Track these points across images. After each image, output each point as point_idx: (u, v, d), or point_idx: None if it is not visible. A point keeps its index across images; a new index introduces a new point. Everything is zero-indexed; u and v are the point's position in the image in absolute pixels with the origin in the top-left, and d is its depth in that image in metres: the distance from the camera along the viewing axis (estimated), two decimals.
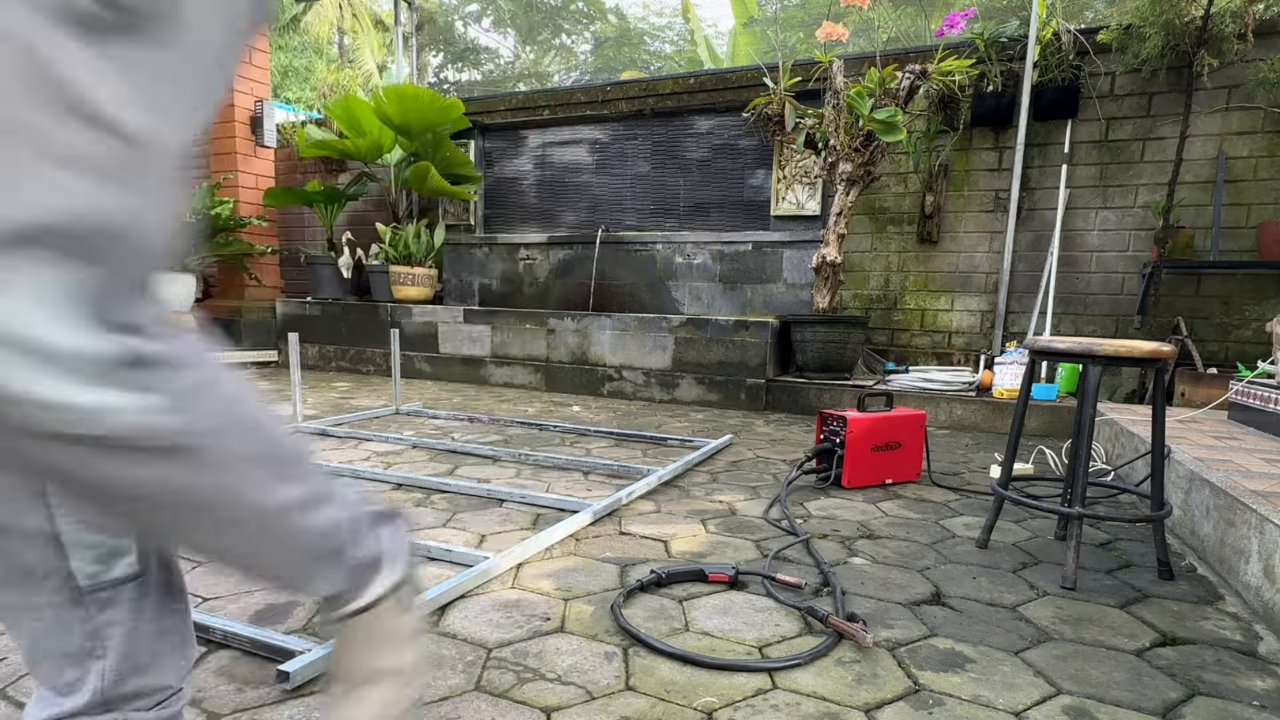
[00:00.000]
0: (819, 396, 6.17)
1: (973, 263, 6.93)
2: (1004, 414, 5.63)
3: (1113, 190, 6.41)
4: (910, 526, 3.08)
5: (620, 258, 8.55)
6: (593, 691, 1.70)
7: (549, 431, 5.08)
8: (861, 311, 7.34)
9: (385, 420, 5.36)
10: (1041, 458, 4.52)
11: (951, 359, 7.06)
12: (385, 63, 17.26)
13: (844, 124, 6.17)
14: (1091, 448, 2.59)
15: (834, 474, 3.67)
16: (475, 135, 9.20)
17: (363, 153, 8.53)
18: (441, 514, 3.07)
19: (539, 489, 3.51)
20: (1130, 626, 2.14)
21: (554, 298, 8.86)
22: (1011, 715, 1.65)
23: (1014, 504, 2.82)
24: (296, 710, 1.57)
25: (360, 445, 4.42)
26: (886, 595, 2.33)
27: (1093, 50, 6.28)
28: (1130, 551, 2.84)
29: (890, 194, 7.16)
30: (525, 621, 2.06)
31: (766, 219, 7.78)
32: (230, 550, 0.90)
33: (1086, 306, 6.59)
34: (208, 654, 1.80)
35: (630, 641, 1.95)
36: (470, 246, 9.25)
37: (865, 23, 6.91)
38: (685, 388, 6.65)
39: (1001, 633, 2.07)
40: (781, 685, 1.75)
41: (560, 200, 8.95)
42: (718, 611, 2.17)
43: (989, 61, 6.50)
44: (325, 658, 1.70)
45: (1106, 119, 6.38)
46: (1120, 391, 6.31)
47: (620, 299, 8.52)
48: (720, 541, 2.82)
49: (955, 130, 6.78)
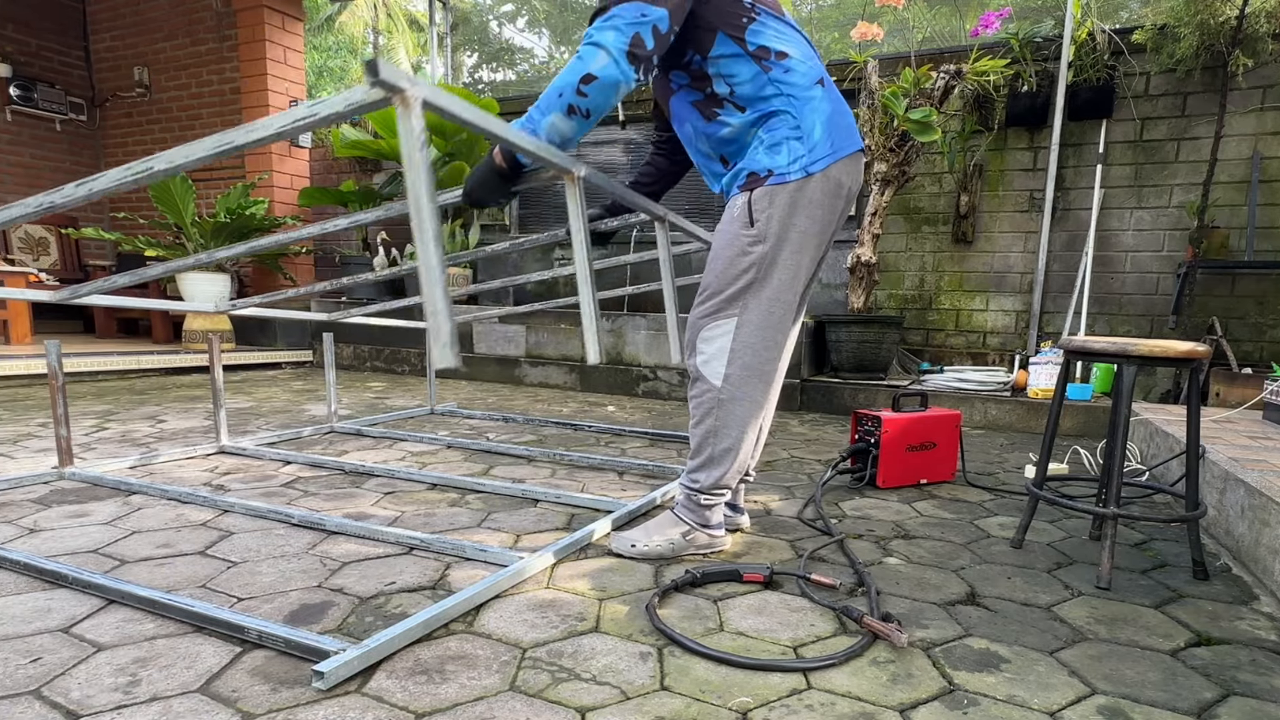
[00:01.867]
0: (854, 396, 6.18)
1: (1008, 263, 6.92)
2: (1039, 414, 5.62)
3: (1147, 190, 6.39)
4: (945, 526, 3.09)
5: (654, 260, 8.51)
6: (627, 691, 1.71)
7: (584, 431, 5.10)
8: (896, 311, 7.35)
9: (420, 420, 5.40)
10: (1076, 458, 4.52)
11: (986, 359, 7.05)
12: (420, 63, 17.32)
13: (879, 124, 6.17)
14: (1126, 448, 2.59)
15: (869, 474, 3.68)
16: None
17: (398, 153, 8.48)
18: (476, 514, 3.08)
19: (574, 489, 3.53)
20: (1165, 626, 2.15)
21: None
22: (1046, 715, 1.65)
23: (1049, 504, 2.82)
24: (331, 710, 1.59)
25: (395, 445, 4.46)
26: (921, 595, 2.33)
27: (1127, 50, 6.26)
28: (1165, 552, 2.84)
29: (925, 194, 7.16)
30: (560, 621, 2.07)
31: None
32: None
33: (1121, 306, 6.57)
34: (242, 654, 1.81)
35: (665, 641, 1.96)
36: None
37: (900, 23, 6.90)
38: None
39: (1036, 633, 2.07)
40: (816, 685, 1.75)
41: (596, 200, 8.88)
42: (752, 611, 2.17)
43: (1024, 61, 6.49)
44: (360, 657, 1.73)
45: (1141, 119, 6.36)
46: (1155, 391, 6.29)
47: (655, 299, 8.53)
48: (755, 541, 2.83)
49: (990, 130, 6.78)
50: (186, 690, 1.64)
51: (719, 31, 2.38)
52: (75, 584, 2.18)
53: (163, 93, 10.55)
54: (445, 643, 1.91)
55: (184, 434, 4.58)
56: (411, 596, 2.20)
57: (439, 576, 2.37)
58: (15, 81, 9.94)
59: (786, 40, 2.44)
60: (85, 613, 2.01)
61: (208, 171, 10.26)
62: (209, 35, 10.01)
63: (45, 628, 1.92)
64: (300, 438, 4.59)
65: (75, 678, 1.68)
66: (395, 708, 1.60)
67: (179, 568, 2.39)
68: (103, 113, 11.03)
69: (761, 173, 2.44)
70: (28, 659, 1.76)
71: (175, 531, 2.74)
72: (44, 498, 3.15)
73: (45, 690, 1.63)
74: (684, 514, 2.64)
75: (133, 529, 2.76)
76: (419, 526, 2.89)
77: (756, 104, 2.44)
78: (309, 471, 3.76)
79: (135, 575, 2.31)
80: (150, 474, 3.61)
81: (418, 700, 1.63)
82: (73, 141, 10.86)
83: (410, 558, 2.53)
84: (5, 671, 1.70)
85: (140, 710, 1.56)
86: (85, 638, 1.87)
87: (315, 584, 2.28)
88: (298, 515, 2.88)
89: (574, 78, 2.20)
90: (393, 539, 2.68)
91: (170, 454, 3.93)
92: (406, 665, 1.78)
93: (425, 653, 1.85)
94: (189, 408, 5.63)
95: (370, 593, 2.22)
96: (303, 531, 2.78)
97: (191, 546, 2.59)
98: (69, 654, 1.79)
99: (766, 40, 2.40)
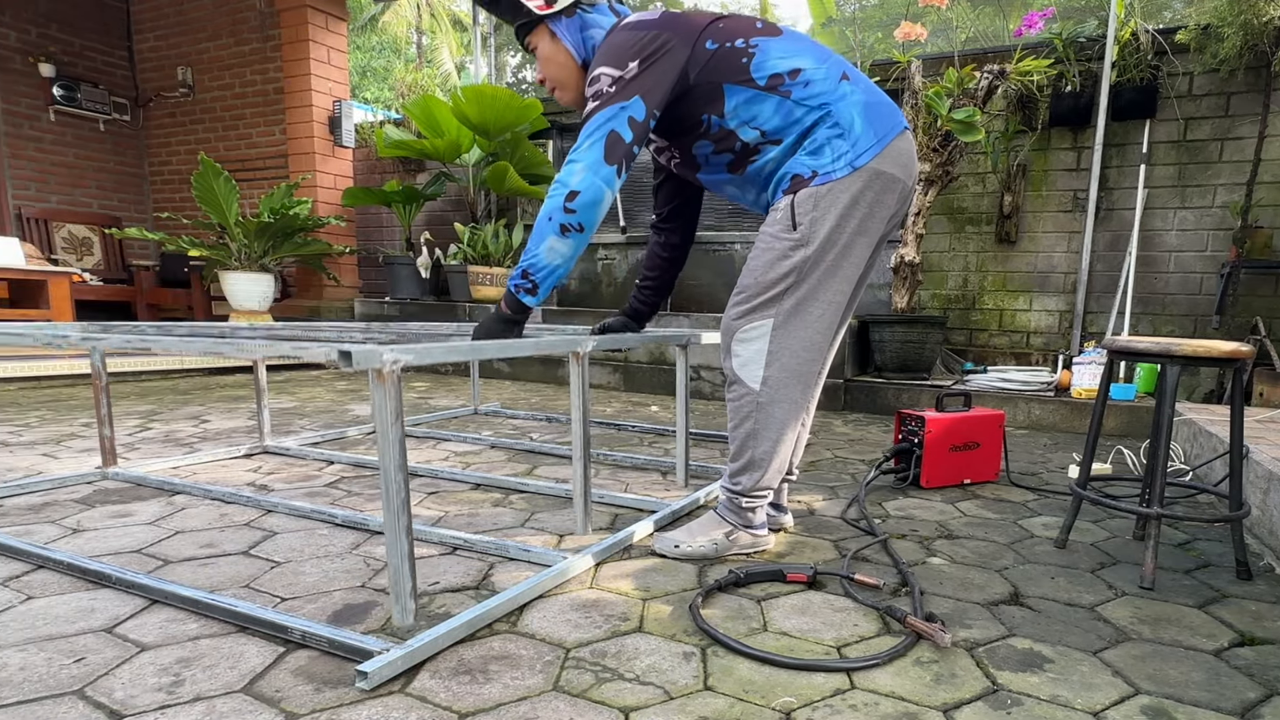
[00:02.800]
0: (897, 396, 6.18)
1: (1051, 263, 6.90)
2: (1082, 414, 5.61)
3: (1191, 190, 6.36)
4: (988, 526, 3.10)
5: (698, 257, 8.59)
6: (671, 691, 1.71)
7: (627, 431, 5.12)
8: (940, 311, 7.34)
9: (463, 420, 5.43)
10: (1120, 458, 4.51)
11: (1030, 359, 7.03)
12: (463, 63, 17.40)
13: (922, 124, 6.17)
14: (1170, 448, 2.59)
15: (912, 474, 3.68)
16: (553, 135, 9.30)
17: (441, 153, 8.59)
18: (520, 514, 3.10)
19: (617, 489, 3.54)
20: (1208, 626, 2.14)
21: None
22: (1090, 715, 1.65)
23: (1092, 504, 2.82)
24: (374, 710, 1.59)
25: (439, 445, 4.49)
26: (965, 595, 2.33)
27: (1171, 50, 6.23)
28: (1208, 551, 2.84)
29: (968, 194, 7.15)
30: (603, 621, 2.07)
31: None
32: None
33: (1164, 306, 6.54)
34: (285, 654, 1.82)
35: (708, 641, 1.96)
36: None
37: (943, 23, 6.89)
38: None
39: (1080, 633, 2.07)
40: (860, 685, 1.75)
41: (638, 200, 8.97)
42: (796, 611, 2.18)
43: (1067, 61, 6.47)
44: (404, 657, 1.74)
45: (1184, 119, 6.33)
46: (1198, 391, 6.26)
47: (699, 298, 8.55)
48: (798, 541, 2.85)
49: (1033, 130, 6.76)
50: (230, 690, 1.66)
51: (724, 85, 2.40)
52: (119, 584, 2.20)
53: (206, 93, 10.65)
54: (489, 643, 1.92)
55: (227, 434, 4.66)
56: (455, 596, 2.22)
57: (482, 576, 2.38)
58: (59, 82, 10.01)
59: (794, 56, 2.41)
60: (129, 613, 2.04)
61: (251, 171, 10.38)
62: (252, 35, 10.10)
63: (89, 628, 1.94)
64: (344, 438, 4.64)
65: (119, 678, 1.70)
66: (438, 707, 1.61)
67: (222, 568, 2.42)
68: (146, 113, 11.14)
69: (805, 174, 2.40)
70: (71, 659, 1.78)
71: (219, 531, 2.78)
72: (87, 498, 3.19)
73: (89, 690, 1.65)
74: (726, 515, 2.64)
75: (176, 529, 2.80)
76: (462, 526, 2.91)
77: (790, 129, 2.42)
78: (352, 471, 3.79)
79: (178, 575, 2.34)
80: (193, 474, 3.65)
81: (461, 700, 1.64)
82: (116, 141, 10.96)
83: (454, 558, 2.55)
84: (49, 671, 1.73)
85: (184, 710, 1.57)
86: (129, 638, 1.89)
87: (359, 584, 2.30)
88: (341, 515, 2.91)
89: (559, 200, 2.35)
90: (436, 539, 2.70)
91: (214, 454, 4.00)
92: (450, 665, 1.79)
93: (469, 653, 1.86)
94: (232, 408, 5.71)
95: None
96: (346, 531, 2.81)
97: (235, 546, 2.62)
98: (112, 654, 1.81)
99: (774, 67, 2.39)
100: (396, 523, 1.64)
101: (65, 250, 9.80)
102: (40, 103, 10.03)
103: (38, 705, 1.58)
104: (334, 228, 9.49)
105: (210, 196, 8.02)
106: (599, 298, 9.05)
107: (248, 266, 8.35)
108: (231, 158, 10.43)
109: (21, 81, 9.83)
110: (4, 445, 4.17)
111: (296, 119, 9.69)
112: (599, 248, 8.97)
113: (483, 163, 8.87)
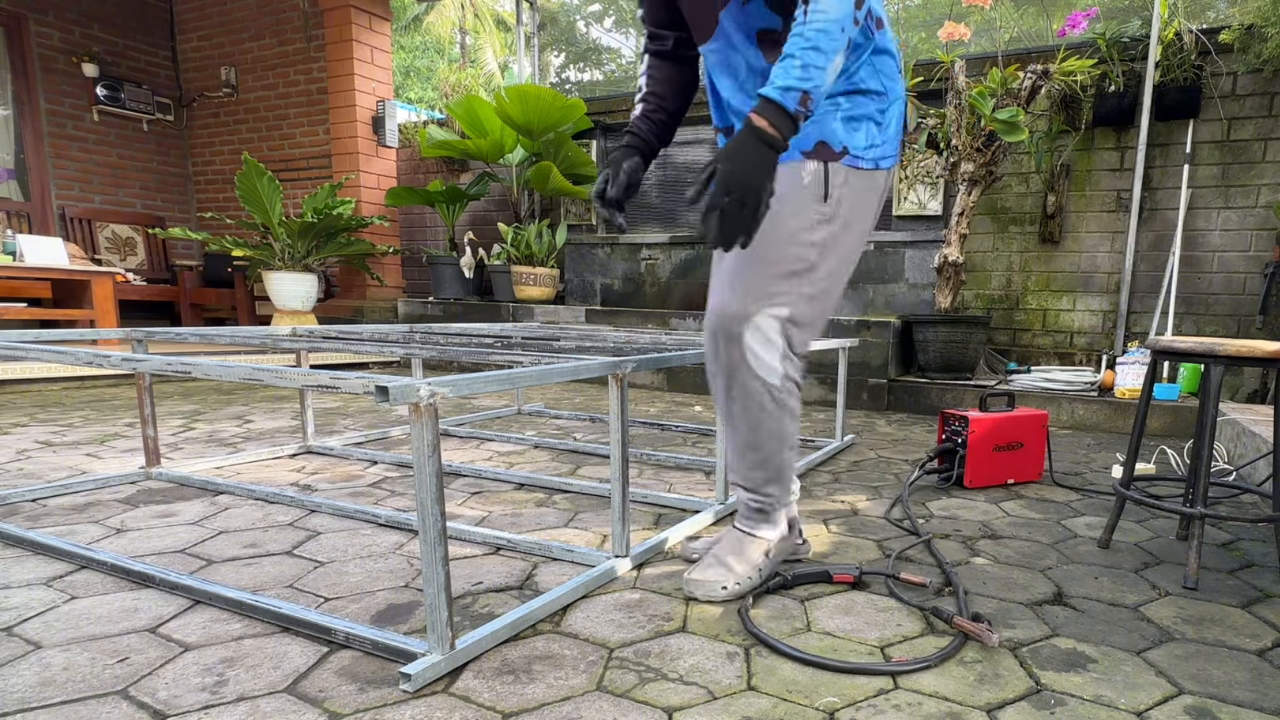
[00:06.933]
0: (940, 396, 6.21)
1: (1094, 263, 6.88)
2: (1126, 414, 5.60)
3: (1234, 190, 6.33)
4: (1032, 526, 3.10)
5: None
6: (715, 691, 1.71)
7: (671, 431, 5.14)
8: (983, 311, 7.33)
9: (507, 420, 5.49)
10: (1163, 458, 4.52)
11: (1073, 359, 7.02)
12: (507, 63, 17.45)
13: (966, 124, 6.17)
14: (1213, 448, 2.61)
15: (956, 474, 3.69)
16: (597, 135, 9.32)
17: (484, 153, 8.65)
18: (563, 514, 3.11)
19: (661, 489, 3.55)
20: (1252, 626, 2.14)
21: (676, 298, 8.85)
22: (1133, 715, 1.65)
23: (1136, 504, 2.83)
24: (418, 711, 1.59)
25: (482, 445, 4.51)
26: (1008, 595, 2.34)
27: (1214, 50, 6.20)
28: (1252, 551, 2.84)
29: (1012, 194, 7.14)
30: (647, 621, 2.07)
31: (888, 219, 7.75)
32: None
33: (1208, 306, 6.52)
34: (329, 654, 1.82)
35: (752, 641, 1.96)
36: (592, 246, 9.28)
37: (987, 22, 6.88)
38: (806, 388, 6.64)
39: (1123, 633, 2.07)
40: (903, 685, 1.75)
41: (682, 200, 8.96)
42: (840, 611, 2.18)
43: (1111, 61, 6.45)
44: (448, 659, 1.74)
45: (1228, 119, 6.30)
46: (1242, 392, 6.23)
47: None
48: (842, 541, 2.85)
49: (1077, 130, 6.74)
50: (274, 690, 1.66)
51: None
52: (162, 584, 2.21)
53: (249, 93, 10.71)
54: (532, 643, 1.92)
55: (271, 434, 4.71)
56: (499, 596, 2.23)
57: (526, 576, 2.39)
58: (102, 82, 10.03)
59: (884, 13, 2.12)
60: (172, 613, 2.05)
61: (295, 171, 10.47)
62: (296, 35, 10.15)
63: (132, 628, 1.95)
64: (387, 438, 4.70)
65: (162, 677, 1.71)
66: (482, 707, 1.61)
67: (266, 568, 2.44)
68: (189, 113, 11.17)
69: (836, 147, 2.10)
70: (115, 659, 1.79)
71: (262, 531, 2.79)
72: (131, 498, 3.21)
73: (132, 690, 1.66)
74: (758, 530, 2.38)
75: (220, 529, 2.82)
76: (506, 526, 2.93)
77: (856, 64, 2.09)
78: (395, 471, 3.82)
79: (222, 575, 2.35)
80: (237, 474, 3.68)
81: (504, 700, 1.64)
82: (159, 142, 11.00)
83: (497, 558, 2.56)
84: (93, 671, 1.73)
85: (227, 710, 1.58)
86: (172, 638, 1.90)
87: (402, 584, 2.31)
88: (384, 515, 2.93)
89: (848, 7, 1.82)
90: (480, 539, 2.72)
91: (257, 454, 4.04)
92: (493, 665, 1.79)
93: (512, 653, 1.86)
94: (276, 408, 5.78)
95: (457, 593, 2.24)
96: (390, 531, 2.83)
97: (278, 546, 2.64)
98: (156, 654, 1.82)
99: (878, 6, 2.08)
100: (433, 554, 1.64)
101: (109, 250, 9.90)
102: (83, 103, 10.07)
103: (81, 705, 1.60)
104: (377, 228, 9.55)
105: (254, 196, 8.05)
106: (642, 298, 9.05)
107: (291, 266, 8.41)
108: (275, 158, 10.52)
109: (65, 82, 9.88)
110: (48, 445, 4.23)
111: (340, 119, 9.76)
112: (642, 247, 9.00)
113: (526, 163, 8.92)
